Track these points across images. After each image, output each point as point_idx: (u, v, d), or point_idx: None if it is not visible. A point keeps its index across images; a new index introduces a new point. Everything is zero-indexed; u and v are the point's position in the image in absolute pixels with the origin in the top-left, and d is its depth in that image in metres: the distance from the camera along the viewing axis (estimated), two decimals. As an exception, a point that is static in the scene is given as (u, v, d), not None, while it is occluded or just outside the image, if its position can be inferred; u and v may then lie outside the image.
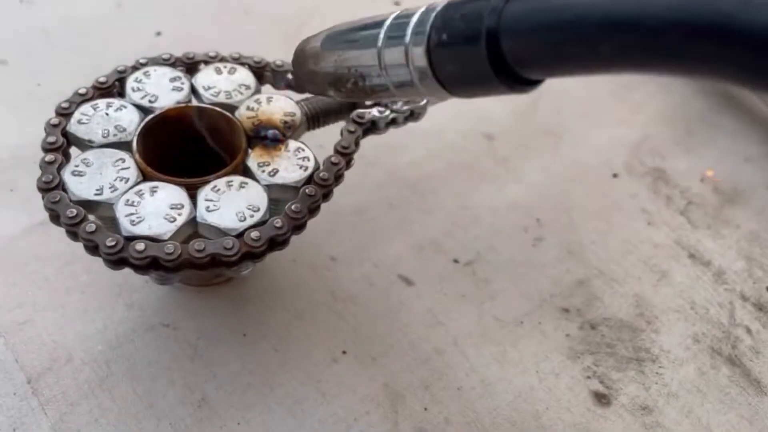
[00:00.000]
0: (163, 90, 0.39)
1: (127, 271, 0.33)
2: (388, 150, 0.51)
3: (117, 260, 0.32)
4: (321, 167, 0.37)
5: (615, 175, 0.52)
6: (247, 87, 0.39)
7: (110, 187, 0.34)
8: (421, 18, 0.26)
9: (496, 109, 0.56)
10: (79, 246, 0.33)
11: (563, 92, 0.58)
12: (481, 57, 0.23)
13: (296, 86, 0.39)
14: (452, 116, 0.54)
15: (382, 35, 0.28)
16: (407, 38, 0.26)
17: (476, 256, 0.46)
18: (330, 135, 0.40)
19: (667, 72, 0.20)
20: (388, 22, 0.28)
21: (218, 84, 0.39)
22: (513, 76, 0.24)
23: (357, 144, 0.39)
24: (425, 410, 0.39)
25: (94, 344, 0.40)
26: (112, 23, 0.58)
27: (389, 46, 0.28)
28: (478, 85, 0.25)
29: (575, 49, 0.21)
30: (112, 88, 0.39)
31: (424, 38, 0.26)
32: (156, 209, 0.33)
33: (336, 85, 0.32)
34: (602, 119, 0.57)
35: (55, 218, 0.34)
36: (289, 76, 0.41)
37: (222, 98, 0.39)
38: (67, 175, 0.34)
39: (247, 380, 0.39)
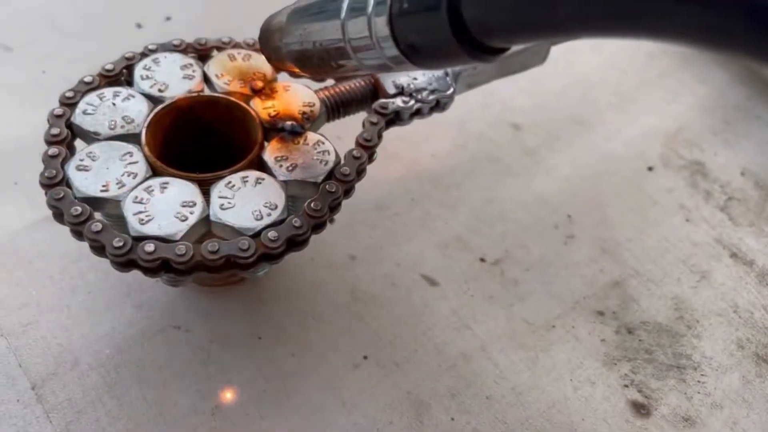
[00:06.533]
0: (173, 78, 0.37)
1: (136, 271, 0.31)
2: (410, 141, 0.49)
3: (125, 262, 0.31)
4: (342, 161, 0.35)
5: (650, 168, 0.50)
6: (263, 75, 0.37)
7: (117, 183, 0.32)
8: None
9: (523, 97, 0.53)
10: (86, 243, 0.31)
11: (593, 79, 0.55)
12: (443, 25, 0.23)
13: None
14: (477, 105, 0.51)
15: (345, 7, 0.28)
16: (369, 9, 0.26)
17: (504, 255, 0.44)
18: (350, 126, 0.38)
19: (630, 35, 0.19)
20: None
21: (232, 72, 0.37)
22: (475, 44, 0.24)
23: (380, 136, 0.37)
24: (452, 420, 0.37)
25: (101, 348, 0.38)
26: (120, 7, 0.56)
27: (352, 17, 0.27)
28: (441, 55, 0.25)
29: (533, 13, 0.21)
30: (120, 76, 0.37)
31: (386, 8, 0.25)
32: (166, 207, 0.31)
33: (302, 61, 0.31)
34: (635, 108, 0.54)
35: (58, 216, 0.32)
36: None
37: (236, 87, 0.36)
38: (71, 170, 0.32)
39: (263, 387, 0.37)
